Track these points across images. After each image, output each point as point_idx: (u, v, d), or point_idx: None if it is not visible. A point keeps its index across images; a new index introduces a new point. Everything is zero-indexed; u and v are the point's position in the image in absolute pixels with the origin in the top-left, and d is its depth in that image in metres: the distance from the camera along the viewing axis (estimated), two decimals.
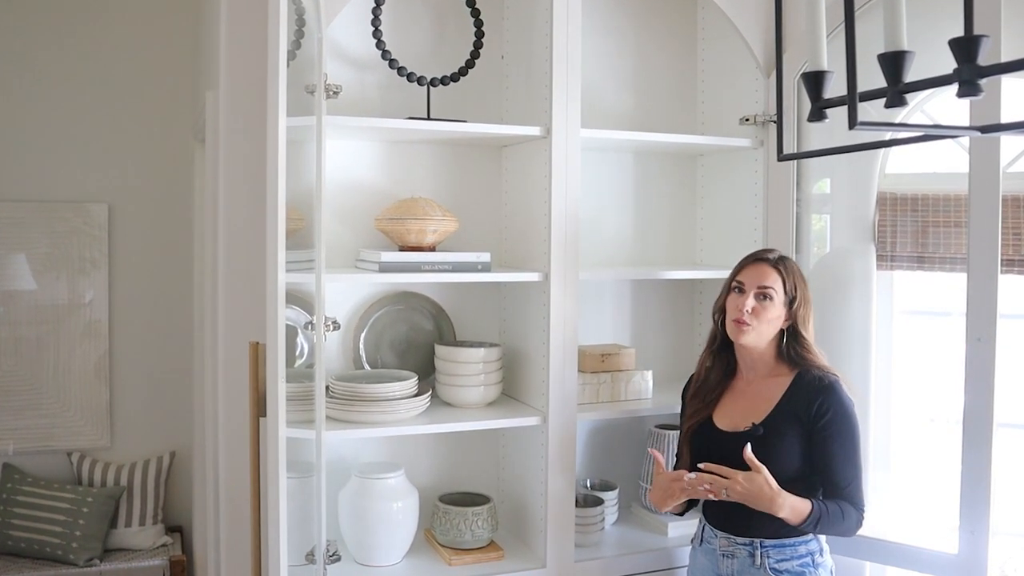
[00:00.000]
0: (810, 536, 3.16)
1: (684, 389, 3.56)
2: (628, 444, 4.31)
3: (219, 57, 3.79)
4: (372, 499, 3.56)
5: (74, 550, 5.48)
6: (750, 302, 3.22)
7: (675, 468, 3.50)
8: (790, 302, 3.24)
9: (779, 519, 3.04)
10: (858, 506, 3.12)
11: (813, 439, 3.14)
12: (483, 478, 4.09)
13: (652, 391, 4.03)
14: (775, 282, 3.23)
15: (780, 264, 3.27)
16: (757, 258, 3.30)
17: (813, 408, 3.13)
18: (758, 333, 3.24)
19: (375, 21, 3.68)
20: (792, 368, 3.26)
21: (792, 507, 3.03)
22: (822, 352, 3.29)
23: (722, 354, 3.41)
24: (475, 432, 3.91)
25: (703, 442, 3.33)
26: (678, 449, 3.51)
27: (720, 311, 3.37)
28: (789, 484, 3.07)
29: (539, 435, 3.69)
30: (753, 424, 3.19)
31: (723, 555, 3.24)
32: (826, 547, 3.22)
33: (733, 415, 3.30)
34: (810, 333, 3.28)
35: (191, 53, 6.00)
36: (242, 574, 3.76)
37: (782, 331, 3.28)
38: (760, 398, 3.26)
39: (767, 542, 3.15)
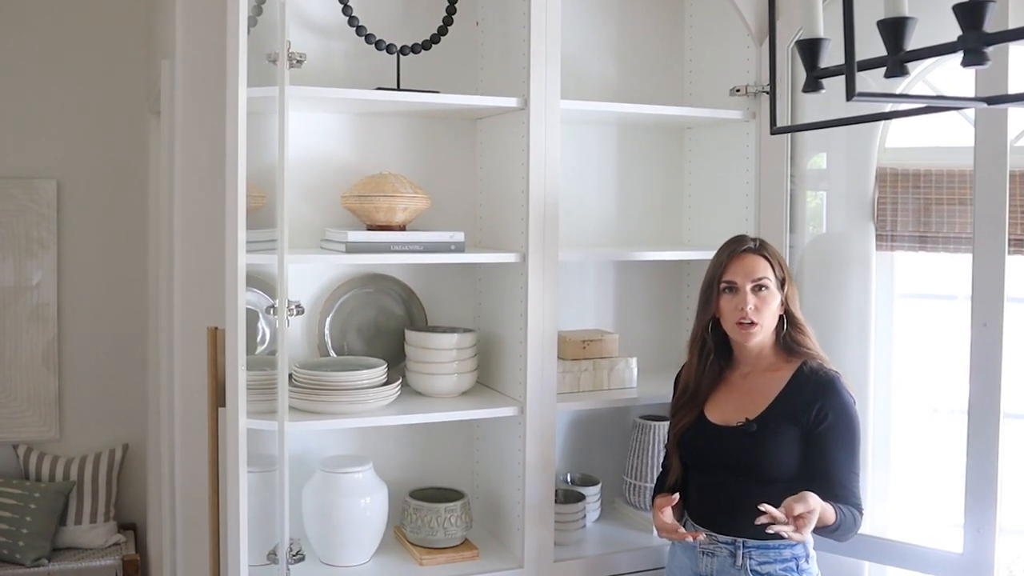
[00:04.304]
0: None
1: (676, 378, 3.56)
2: (611, 436, 4.31)
3: (175, 23, 3.77)
4: (338, 495, 3.54)
5: (21, 549, 5.46)
6: (751, 299, 3.21)
7: (663, 473, 3.51)
8: (781, 286, 3.25)
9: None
10: (859, 507, 3.10)
11: (812, 441, 3.12)
12: (456, 472, 4.08)
13: (637, 379, 4.02)
14: (766, 270, 3.23)
15: (763, 250, 3.28)
16: (737, 251, 3.29)
17: (813, 411, 3.11)
18: (765, 329, 3.24)
19: None
20: (790, 359, 3.25)
21: (823, 518, 2.98)
22: (812, 331, 3.31)
23: (716, 359, 3.39)
24: (448, 423, 3.90)
25: (693, 435, 3.32)
26: (666, 453, 3.50)
27: (710, 318, 3.35)
28: (784, 484, 3.06)
29: (516, 426, 3.68)
30: (747, 420, 3.19)
31: (703, 553, 3.23)
32: (812, 553, 3.20)
33: (725, 408, 3.29)
34: (799, 311, 3.30)
35: (145, 19, 5.97)
36: (200, 575, 3.75)
37: (780, 318, 3.28)
38: (756, 392, 3.25)
39: (750, 542, 3.13)
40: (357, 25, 3.65)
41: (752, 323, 3.21)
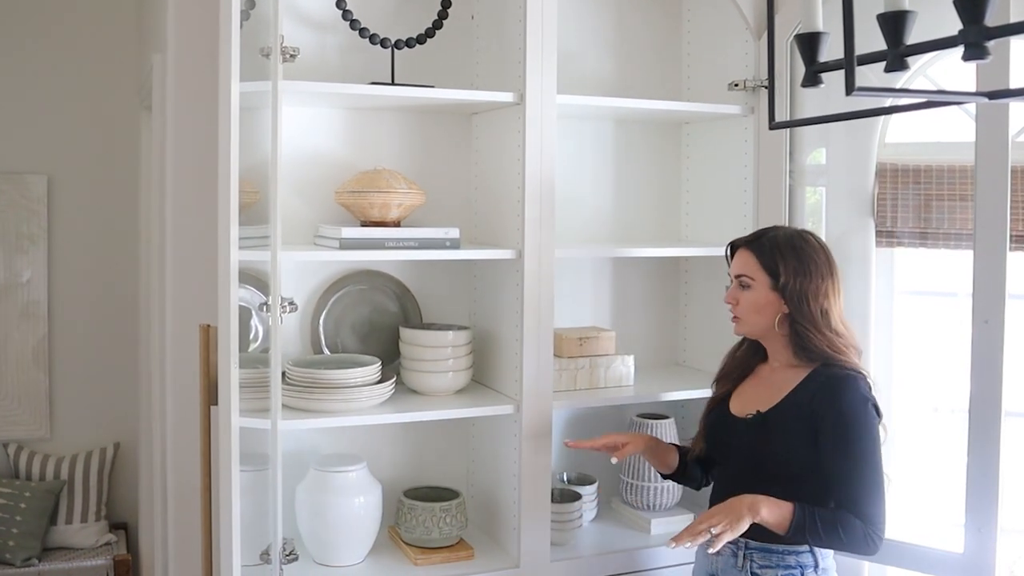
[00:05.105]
0: (804, 547, 3.05)
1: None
2: None
3: (167, 17, 3.76)
4: (332, 494, 3.54)
5: (11, 548, 5.46)
6: (732, 293, 3.21)
7: (691, 446, 3.51)
8: (777, 285, 3.11)
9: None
10: (868, 519, 2.93)
11: (819, 442, 3.02)
12: (452, 471, 4.08)
13: (634, 377, 4.02)
14: (748, 267, 3.15)
15: (753, 244, 3.18)
16: (734, 243, 3.27)
17: (817, 408, 3.02)
18: (749, 324, 3.19)
19: None
20: (810, 360, 3.14)
21: (771, 509, 2.93)
22: (846, 332, 3.13)
23: (748, 346, 3.37)
24: (443, 422, 3.90)
25: (713, 422, 3.34)
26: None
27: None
28: (791, 483, 3.01)
29: (512, 425, 3.68)
30: (757, 412, 3.15)
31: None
32: (826, 565, 3.09)
33: (745, 400, 3.27)
34: (816, 312, 3.08)
35: (136, 12, 5.96)
36: (192, 575, 3.75)
37: (790, 317, 3.14)
38: (775, 386, 3.19)
39: (753, 543, 3.08)
40: (351, 19, 3.64)
41: (734, 315, 3.22)
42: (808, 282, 3.10)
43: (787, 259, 3.11)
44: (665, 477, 3.60)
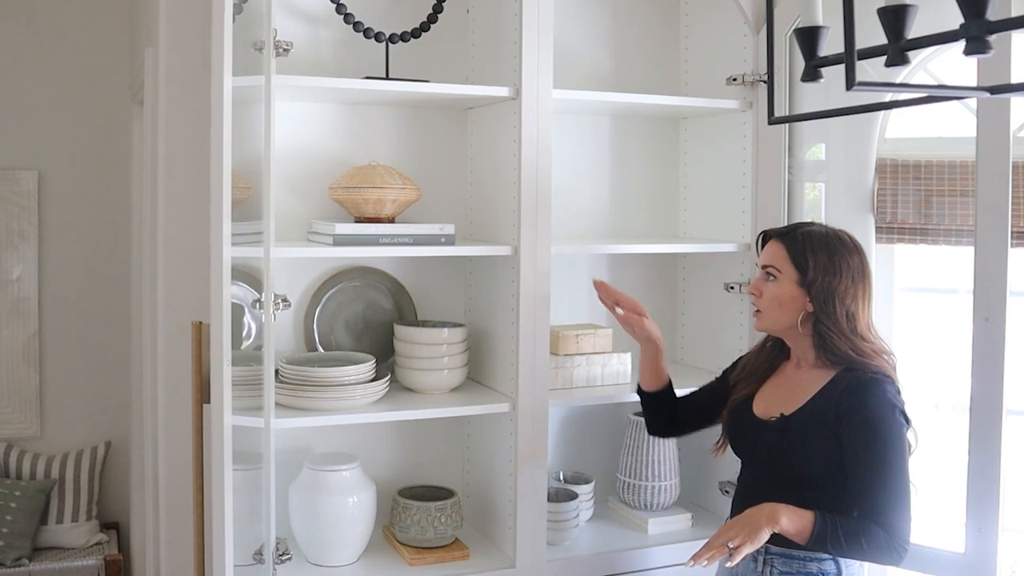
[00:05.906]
0: (826, 554, 2.98)
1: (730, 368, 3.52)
2: (605, 433, 4.31)
3: (159, 11, 3.76)
4: (325, 493, 3.54)
5: (1, 548, 5.45)
6: (756, 283, 3.14)
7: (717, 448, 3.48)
8: (804, 281, 3.04)
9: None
10: (891, 529, 2.85)
11: (843, 448, 2.96)
12: (447, 470, 4.08)
13: (631, 375, 4.01)
14: (776, 258, 3.08)
15: (785, 237, 3.11)
16: (767, 233, 3.20)
17: (839, 411, 2.95)
18: (770, 318, 3.12)
19: None
20: (833, 364, 3.07)
21: (791, 518, 2.88)
22: (874, 340, 3.07)
23: (773, 344, 3.30)
24: (438, 420, 3.90)
25: (735, 423, 3.29)
26: (703, 386, 3.54)
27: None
28: (812, 490, 2.97)
29: (508, 423, 3.68)
30: (781, 415, 3.09)
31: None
32: (850, 572, 3.02)
33: (769, 401, 3.20)
34: (841, 314, 3.00)
35: (128, 6, 5.95)
36: (184, 575, 3.74)
37: (814, 317, 3.07)
38: (800, 388, 3.12)
39: (773, 549, 3.02)
40: (345, 13, 3.63)
41: (755, 308, 3.16)
42: (837, 282, 3.01)
43: (818, 255, 3.03)
44: (639, 392, 3.58)
